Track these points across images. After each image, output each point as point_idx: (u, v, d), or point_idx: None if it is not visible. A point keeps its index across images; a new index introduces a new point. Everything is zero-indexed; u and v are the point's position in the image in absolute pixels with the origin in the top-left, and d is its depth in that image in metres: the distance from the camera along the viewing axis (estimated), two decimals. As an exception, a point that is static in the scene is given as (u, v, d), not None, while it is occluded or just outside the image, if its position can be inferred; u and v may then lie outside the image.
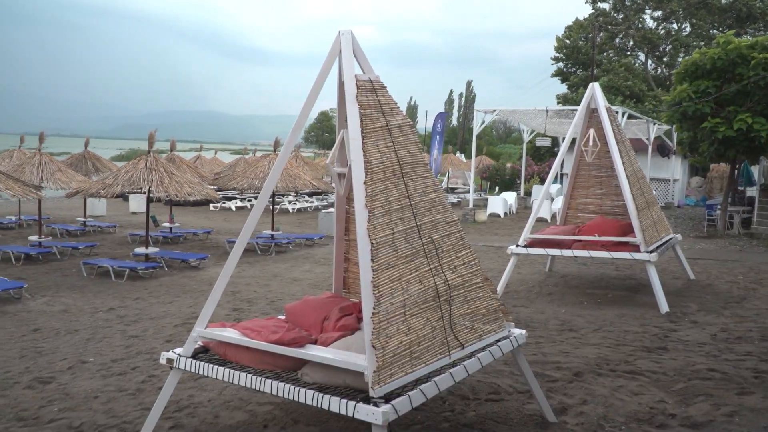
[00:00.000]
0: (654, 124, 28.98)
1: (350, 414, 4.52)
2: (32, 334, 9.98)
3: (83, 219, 22.84)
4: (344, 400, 4.59)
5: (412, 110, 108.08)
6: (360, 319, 5.75)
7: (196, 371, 5.55)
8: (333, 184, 7.06)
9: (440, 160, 32.31)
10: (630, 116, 26.81)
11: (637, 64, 53.70)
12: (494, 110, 27.68)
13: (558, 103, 46.76)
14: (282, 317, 6.29)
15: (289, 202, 32.13)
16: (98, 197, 19.49)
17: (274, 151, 20.12)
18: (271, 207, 21.41)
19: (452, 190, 40.73)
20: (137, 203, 29.11)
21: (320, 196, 35.84)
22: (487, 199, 29.57)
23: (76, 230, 21.57)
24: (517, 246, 12.16)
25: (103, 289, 13.36)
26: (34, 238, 18.24)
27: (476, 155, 30.83)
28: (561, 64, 53.13)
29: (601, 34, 51.55)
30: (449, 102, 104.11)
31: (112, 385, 7.69)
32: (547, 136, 33.26)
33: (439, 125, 30.65)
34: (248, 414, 6.67)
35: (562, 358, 8.46)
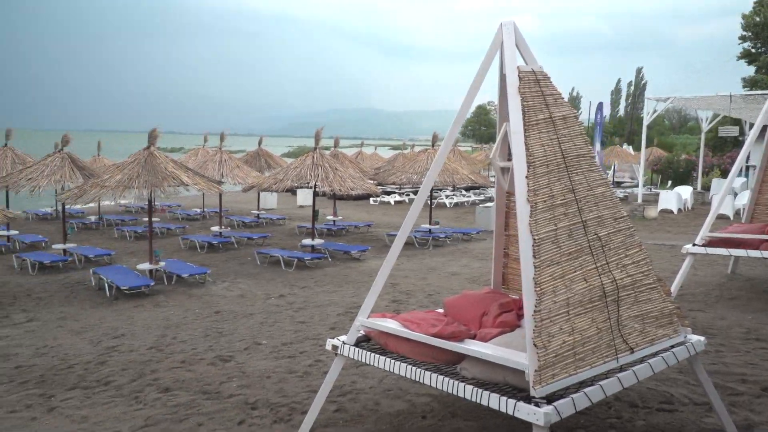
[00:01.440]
0: None
1: (510, 412, 4.43)
2: (214, 316, 11.00)
3: (257, 212, 24.73)
4: (504, 398, 4.50)
5: (575, 101, 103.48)
6: (520, 316, 5.61)
7: (359, 359, 5.75)
8: (494, 179, 6.95)
9: (602, 153, 30.68)
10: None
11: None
12: (668, 98, 25.64)
13: (744, 87, 42.14)
14: (441, 311, 6.33)
15: (447, 197, 32.29)
16: (270, 191, 20.99)
17: (432, 146, 20.30)
18: (429, 201, 21.67)
19: (618, 185, 38.45)
20: (304, 197, 30.93)
21: (477, 191, 35.60)
22: (657, 194, 27.50)
23: (250, 222, 23.42)
24: (694, 245, 11.16)
25: (274, 276, 14.36)
26: (215, 228, 20.10)
27: (646, 147, 28.76)
28: (748, 44, 47.77)
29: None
30: (616, 91, 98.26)
31: (283, 366, 8.24)
32: (729, 126, 30.17)
33: (598, 116, 29.17)
34: (407, 404, 6.81)
35: (747, 370, 7.63)
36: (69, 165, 16.49)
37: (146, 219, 19.22)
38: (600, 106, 30.19)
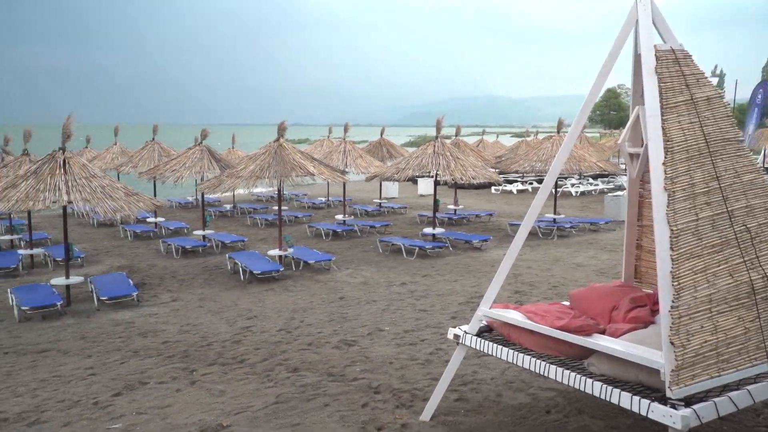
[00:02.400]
0: None
1: (643, 413, 4.19)
2: (338, 302, 11.36)
3: (379, 200, 25.19)
4: (636, 397, 4.27)
5: (719, 80, 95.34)
6: (654, 312, 5.29)
7: (481, 349, 5.70)
8: (624, 166, 6.58)
9: (755, 136, 28.03)
10: None
11: None
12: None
13: None
14: (566, 303, 6.11)
15: (572, 185, 31.08)
16: (392, 181, 21.30)
17: (558, 132, 19.59)
18: (553, 190, 20.97)
19: None
20: (425, 186, 31.07)
21: (606, 179, 33.94)
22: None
23: (373, 210, 23.89)
24: None
25: (395, 264, 14.57)
26: (339, 217, 20.72)
27: (802, 129, 25.96)
28: None
29: None
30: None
31: (405, 353, 8.36)
32: None
33: (759, 96, 26.55)
34: (530, 397, 6.66)
35: None
36: (207, 157, 17.67)
37: (276, 207, 20.19)
38: (764, 85, 27.52)
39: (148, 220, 20.41)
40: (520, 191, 31.48)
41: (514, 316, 5.53)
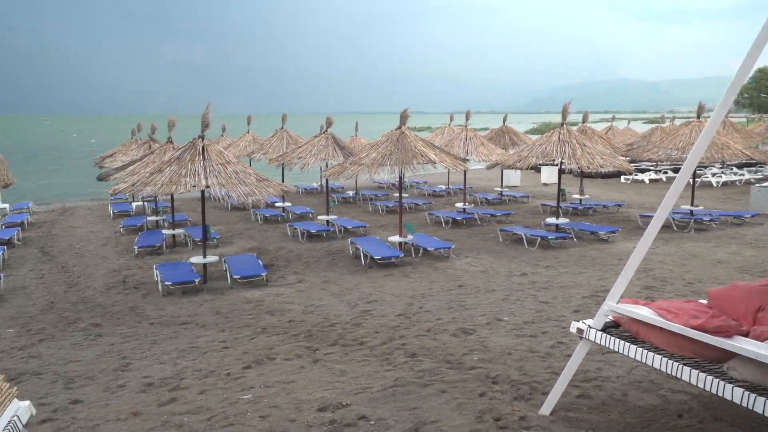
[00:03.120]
0: None
1: (791, 425, 3.82)
2: (457, 290, 11.33)
3: (500, 189, 24.76)
4: (784, 408, 3.89)
5: None
6: (808, 316, 4.78)
7: (606, 345, 5.45)
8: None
9: None
10: None
11: None
12: None
13: None
14: (704, 302, 5.68)
15: (713, 175, 28.79)
16: (514, 169, 20.84)
17: (698, 117, 18.20)
18: (691, 180, 19.54)
19: None
20: (549, 174, 30.11)
21: (753, 168, 31.09)
22: None
23: (493, 199, 23.54)
24: None
25: (516, 254, 14.28)
26: (459, 205, 20.61)
27: None
28: None
29: None
30: None
31: (524, 345, 8.18)
32: None
33: None
34: (660, 399, 6.28)
35: None
36: (332, 145, 18.23)
37: (397, 194, 20.45)
38: None
39: (276, 204, 21.46)
40: (652, 181, 29.65)
41: (644, 312, 5.23)
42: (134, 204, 23.16)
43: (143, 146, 22.12)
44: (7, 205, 22.35)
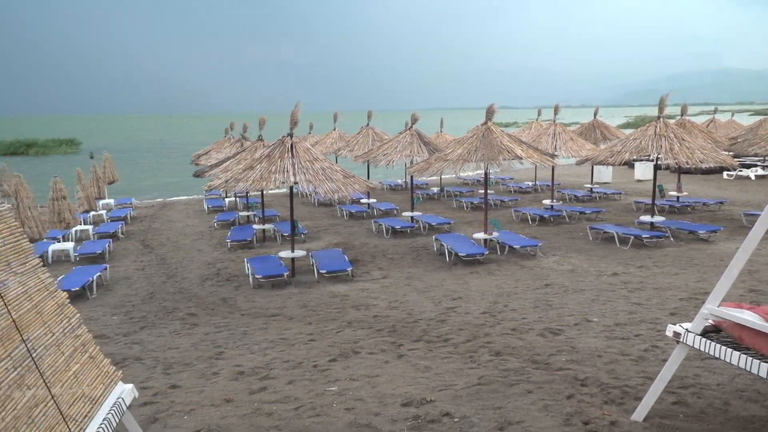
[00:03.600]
0: None
1: None
2: (544, 289, 11.06)
3: (590, 185, 23.94)
4: None
5: None
6: None
7: (705, 350, 5.16)
8: None
9: None
10: None
11: None
12: None
13: None
14: (818, 307, 5.26)
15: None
16: (605, 164, 20.09)
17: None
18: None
19: None
20: (643, 171, 28.82)
21: None
22: None
23: (583, 196, 22.79)
24: None
25: (607, 253, 13.77)
26: (547, 201, 20.10)
27: None
28: None
29: None
30: None
31: (615, 347, 7.88)
32: None
33: None
34: (767, 411, 5.88)
35: None
36: (417, 141, 18.24)
37: (482, 191, 20.21)
38: None
39: (361, 201, 21.74)
40: (759, 177, 27.74)
41: (749, 317, 4.91)
42: (227, 199, 24.15)
43: (236, 144, 23.00)
44: (112, 201, 23.89)
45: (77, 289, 11.33)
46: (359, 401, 6.61)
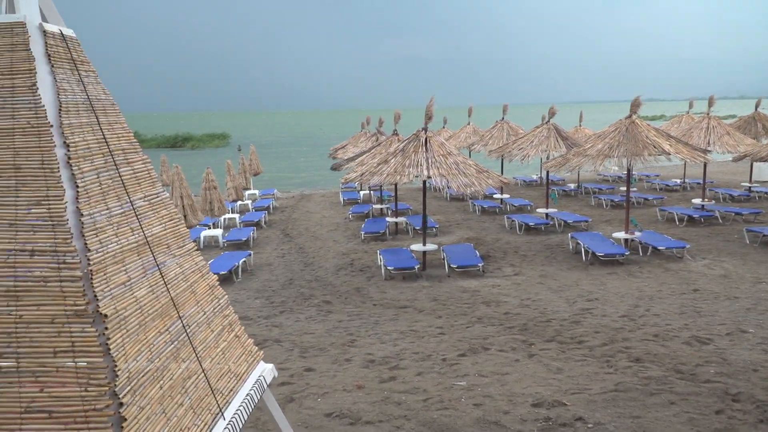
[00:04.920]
0: None
1: None
2: (691, 294, 10.27)
3: (748, 184, 21.86)
4: None
5: None
6: None
7: None
8: None
9: None
10: None
11: None
12: None
13: None
14: None
15: None
16: (767, 161, 18.22)
17: None
18: None
19: None
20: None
21: None
22: None
23: (739, 195, 20.86)
24: None
25: (766, 259, 12.51)
26: (697, 201, 18.63)
27: None
28: None
29: None
30: None
31: (774, 362, 7.16)
32: None
33: None
34: None
35: None
36: (554, 135, 17.65)
37: (623, 188, 19.17)
38: None
39: (494, 196, 21.44)
40: None
41: None
42: (362, 192, 24.85)
43: (371, 138, 23.59)
44: (257, 191, 25.46)
45: (224, 272, 12.21)
46: (488, 398, 6.54)
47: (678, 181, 25.10)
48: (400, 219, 17.60)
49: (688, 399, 6.24)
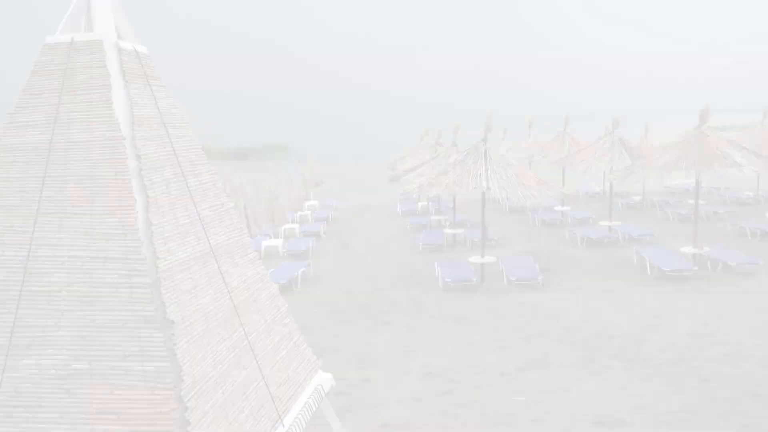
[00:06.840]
0: None
1: None
2: (764, 312, 9.77)
3: (829, 197, 20.66)
4: None
5: None
6: None
7: None
8: None
9: None
10: None
11: None
12: None
13: None
14: None
15: None
16: None
17: None
18: None
19: None
20: None
21: None
22: None
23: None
24: None
25: None
26: (772, 214, 17.74)
27: None
28: None
29: None
30: None
31: None
32: None
33: None
34: None
35: None
36: (618, 147, 17.19)
37: (691, 201, 18.47)
38: None
39: (555, 208, 21.03)
40: None
41: None
42: (420, 203, 24.84)
43: (430, 150, 23.58)
44: (317, 202, 25.84)
45: (284, 282, 12.42)
46: (547, 414, 6.40)
47: (751, 193, 23.97)
48: (459, 230, 17.49)
49: (761, 423, 5.93)
